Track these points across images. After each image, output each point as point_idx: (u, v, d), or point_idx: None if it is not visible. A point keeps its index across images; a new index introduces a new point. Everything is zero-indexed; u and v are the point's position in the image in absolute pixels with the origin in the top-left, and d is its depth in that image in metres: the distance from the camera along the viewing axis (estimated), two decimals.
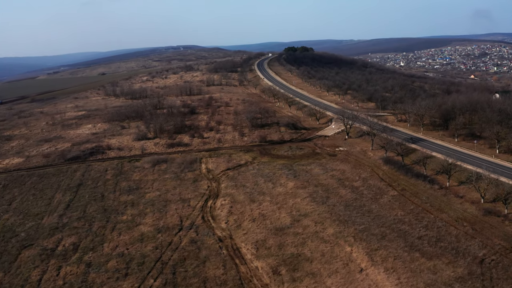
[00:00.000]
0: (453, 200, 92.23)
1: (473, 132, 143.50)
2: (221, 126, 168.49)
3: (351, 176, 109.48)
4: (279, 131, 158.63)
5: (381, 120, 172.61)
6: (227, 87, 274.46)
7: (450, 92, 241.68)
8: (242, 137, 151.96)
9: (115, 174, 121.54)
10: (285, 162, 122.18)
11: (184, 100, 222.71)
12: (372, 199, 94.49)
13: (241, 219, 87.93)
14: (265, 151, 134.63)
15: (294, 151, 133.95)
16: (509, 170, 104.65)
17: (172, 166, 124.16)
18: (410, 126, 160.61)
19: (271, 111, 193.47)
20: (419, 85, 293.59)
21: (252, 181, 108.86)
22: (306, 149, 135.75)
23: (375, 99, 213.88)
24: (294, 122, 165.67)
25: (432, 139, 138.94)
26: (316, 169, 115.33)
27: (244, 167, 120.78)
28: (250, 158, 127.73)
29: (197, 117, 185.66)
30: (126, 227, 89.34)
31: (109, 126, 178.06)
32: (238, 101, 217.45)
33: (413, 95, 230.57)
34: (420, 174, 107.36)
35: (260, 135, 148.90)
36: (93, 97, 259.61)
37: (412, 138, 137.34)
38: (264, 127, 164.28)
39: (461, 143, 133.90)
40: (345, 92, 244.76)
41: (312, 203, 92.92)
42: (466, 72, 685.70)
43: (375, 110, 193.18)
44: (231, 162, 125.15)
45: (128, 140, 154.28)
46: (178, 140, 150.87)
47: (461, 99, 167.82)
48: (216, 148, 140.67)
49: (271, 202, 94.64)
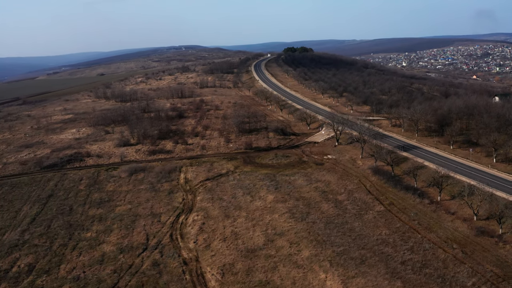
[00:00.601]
0: (444, 217, 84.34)
1: (470, 139, 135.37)
2: (207, 131, 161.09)
3: (336, 188, 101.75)
4: (267, 137, 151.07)
5: (374, 125, 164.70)
6: (221, 89, 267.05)
7: (449, 94, 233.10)
8: (227, 143, 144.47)
9: (89, 184, 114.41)
10: (268, 172, 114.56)
11: (174, 103, 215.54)
12: (356, 215, 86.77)
13: (212, 238, 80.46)
14: (249, 159, 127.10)
15: (279, 159, 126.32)
16: (505, 183, 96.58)
17: (149, 175, 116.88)
18: (404, 132, 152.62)
19: (261, 115, 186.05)
20: (418, 87, 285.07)
21: (230, 193, 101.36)
22: (292, 157, 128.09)
23: (370, 102, 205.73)
24: (283, 127, 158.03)
25: (426, 146, 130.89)
26: (300, 180, 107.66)
27: (224, 177, 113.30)
28: (232, 167, 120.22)
29: (184, 121, 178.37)
30: (88, 245, 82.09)
31: (93, 131, 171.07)
32: (229, 104, 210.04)
33: (410, 98, 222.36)
34: (410, 187, 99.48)
35: (246, 141, 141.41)
36: (84, 100, 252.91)
37: (404, 146, 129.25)
38: (252, 133, 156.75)
39: (456, 151, 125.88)
40: (341, 94, 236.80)
41: (291, 219, 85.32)
42: (468, 73, 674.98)
43: (369, 114, 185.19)
44: (211, 171, 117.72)
45: (110, 147, 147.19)
46: (161, 146, 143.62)
47: (458, 103, 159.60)
48: (199, 155, 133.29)
49: (246, 219, 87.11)
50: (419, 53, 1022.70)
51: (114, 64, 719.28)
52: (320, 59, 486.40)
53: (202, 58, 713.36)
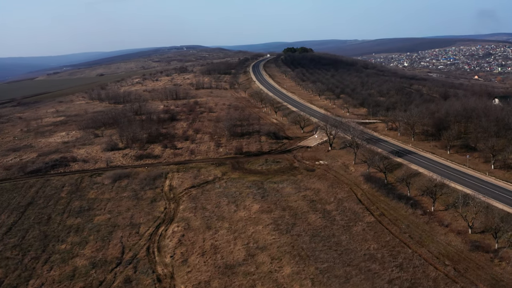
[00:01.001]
0: (437, 230, 79.35)
1: (468, 144, 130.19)
2: (198, 135, 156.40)
3: (325, 197, 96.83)
4: (258, 141, 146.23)
5: (370, 128, 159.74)
6: (217, 90, 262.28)
7: (448, 96, 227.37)
8: (217, 147, 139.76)
9: (71, 191, 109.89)
10: (256, 179, 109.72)
11: (167, 105, 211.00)
12: (344, 227, 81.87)
13: (190, 252, 75.73)
14: (238, 165, 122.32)
15: (269, 165, 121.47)
16: (503, 192, 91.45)
17: (133, 182, 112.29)
18: (401, 136, 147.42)
19: (255, 118, 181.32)
20: (417, 88, 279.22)
21: (215, 202, 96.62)
22: (283, 163, 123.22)
23: (367, 104, 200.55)
24: (276, 131, 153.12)
25: (422, 151, 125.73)
26: (288, 188, 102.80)
27: (210, 184, 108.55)
28: (220, 173, 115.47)
29: (176, 124, 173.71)
30: (61, 259, 77.55)
31: (82, 134, 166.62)
32: (224, 107, 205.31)
33: (409, 100, 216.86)
34: (402, 196, 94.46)
35: (236, 146, 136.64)
36: (78, 101, 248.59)
37: (399, 151, 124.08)
38: (244, 136, 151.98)
39: (453, 156, 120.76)
40: (338, 96, 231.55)
41: (275, 232, 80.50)
42: (470, 73, 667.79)
43: (365, 117, 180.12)
44: (198, 178, 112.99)
45: (97, 151, 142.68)
46: (149, 151, 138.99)
47: (456, 106, 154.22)
48: (187, 161, 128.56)
49: (228, 230, 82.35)
50: (421, 53, 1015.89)
51: (114, 64, 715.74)
52: (320, 59, 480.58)
53: (202, 58, 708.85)
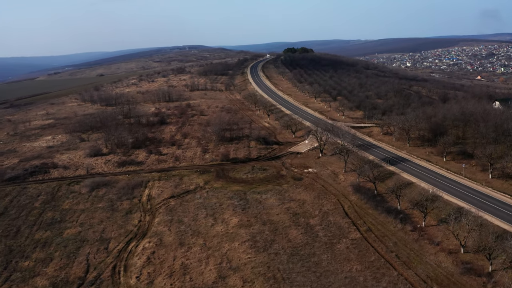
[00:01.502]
0: (426, 249, 72.94)
1: (465, 150, 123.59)
2: (186, 139, 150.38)
3: (310, 209, 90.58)
4: (247, 147, 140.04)
5: (364, 132, 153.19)
6: (212, 92, 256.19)
7: (447, 99, 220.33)
8: (204, 153, 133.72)
9: (46, 200, 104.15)
10: (240, 189, 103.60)
11: (159, 108, 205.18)
12: (327, 244, 75.62)
13: (157, 272, 69.72)
14: (222, 173, 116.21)
15: (255, 173, 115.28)
16: (500, 205, 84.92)
17: (111, 191, 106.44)
18: (396, 141, 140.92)
19: (246, 121, 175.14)
20: (416, 90, 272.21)
21: (192, 214, 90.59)
22: (270, 171, 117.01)
23: (364, 107, 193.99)
24: (266, 136, 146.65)
25: (416, 159, 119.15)
26: (272, 199, 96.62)
27: (191, 194, 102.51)
28: (203, 182, 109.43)
29: (165, 128, 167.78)
30: (21, 278, 71.84)
31: (68, 138, 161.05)
32: (216, 109, 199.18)
33: (407, 103, 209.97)
34: (392, 209, 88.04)
35: (223, 152, 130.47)
36: (70, 103, 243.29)
37: (392, 159, 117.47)
38: (233, 141, 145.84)
39: (449, 164, 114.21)
40: (334, 98, 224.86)
41: (251, 249, 74.36)
42: (472, 73, 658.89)
43: (361, 120, 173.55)
44: (179, 187, 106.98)
45: (80, 157, 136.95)
46: (133, 157, 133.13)
47: (454, 110, 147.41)
48: (171, 168, 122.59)
49: (202, 248, 76.28)
50: (423, 53, 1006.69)
51: (115, 64, 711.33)
52: (320, 60, 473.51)
53: (203, 58, 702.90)
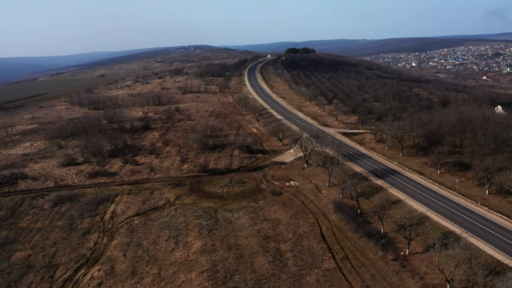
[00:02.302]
0: (407, 283, 63.29)
1: (462, 161, 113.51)
2: (167, 147, 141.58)
3: (284, 231, 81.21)
4: (230, 156, 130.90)
5: (356, 140, 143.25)
6: (205, 95, 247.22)
7: (447, 102, 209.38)
8: (182, 163, 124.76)
9: (5, 217, 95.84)
10: (211, 206, 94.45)
11: (147, 112, 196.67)
12: (295, 276, 66.22)
13: None
14: (197, 186, 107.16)
15: (233, 186, 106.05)
16: (494, 229, 74.89)
17: (75, 206, 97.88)
18: (388, 150, 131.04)
19: (234, 127, 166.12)
20: (417, 92, 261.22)
21: (154, 236, 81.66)
22: (249, 184, 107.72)
23: (358, 111, 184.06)
24: (251, 144, 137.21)
25: (408, 171, 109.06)
26: (244, 218, 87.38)
27: (158, 211, 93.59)
28: (174, 197, 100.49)
29: (148, 134, 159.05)
30: None
31: (47, 145, 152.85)
32: (205, 114, 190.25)
33: (405, 106, 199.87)
34: (374, 232, 78.33)
35: (202, 162, 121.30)
36: (58, 107, 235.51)
37: (381, 172, 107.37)
38: (216, 150, 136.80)
39: (444, 177, 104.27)
40: (330, 101, 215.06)
41: (208, 282, 65.19)
42: (478, 73, 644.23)
43: (355, 126, 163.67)
44: (147, 202, 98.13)
45: (53, 166, 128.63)
46: (107, 167, 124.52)
47: (451, 116, 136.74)
48: (144, 180, 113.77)
49: (155, 278, 67.25)
50: (429, 53, 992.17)
51: (117, 65, 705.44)
52: (321, 60, 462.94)
53: (205, 58, 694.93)
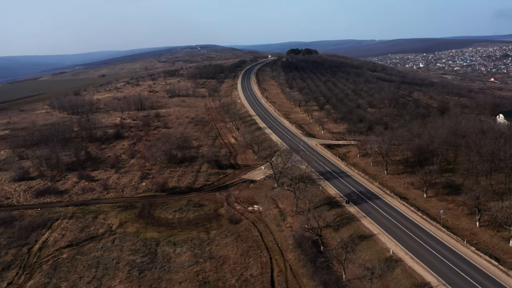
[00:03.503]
0: None
1: (453, 182, 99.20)
2: (132, 160, 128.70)
3: (228, 274, 67.44)
4: (196, 171, 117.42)
5: (339, 153, 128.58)
6: (192, 98, 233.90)
7: (446, 109, 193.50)
8: (141, 180, 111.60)
9: None
10: (155, 236, 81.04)
11: (125, 118, 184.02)
12: None
13: None
14: (149, 210, 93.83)
15: (187, 211, 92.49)
16: (481, 280, 60.36)
17: (7, 232, 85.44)
18: (373, 166, 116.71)
19: (211, 136, 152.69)
20: (417, 96, 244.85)
21: (77, 276, 68.49)
22: (207, 208, 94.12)
23: (349, 119, 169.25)
24: (220, 159, 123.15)
25: (389, 195, 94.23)
26: (186, 254, 73.79)
27: (95, 241, 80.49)
28: (117, 223, 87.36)
29: (117, 144, 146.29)
30: None
31: (8, 155, 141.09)
32: (186, 120, 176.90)
33: (400, 113, 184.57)
34: (333, 280, 64.06)
35: (162, 180, 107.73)
36: (39, 110, 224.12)
37: (349, 201, 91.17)
38: (183, 163, 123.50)
39: (430, 203, 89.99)
40: (322, 107, 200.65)
41: None
42: (486, 75, 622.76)
43: (342, 136, 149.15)
44: (86, 230, 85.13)
45: (4, 181, 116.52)
46: (60, 183, 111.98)
47: (444, 130, 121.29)
48: (93, 200, 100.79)
49: None
50: (437, 54, 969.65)
51: (120, 64, 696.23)
52: (323, 62, 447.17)
53: (208, 59, 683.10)
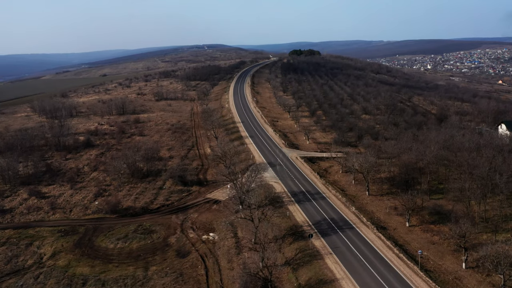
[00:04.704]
0: None
1: (441, 208, 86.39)
2: (94, 173, 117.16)
3: None
4: (159, 188, 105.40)
5: (321, 169, 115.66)
6: (180, 102, 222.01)
7: (445, 117, 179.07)
8: (96, 198, 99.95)
9: None
10: (85, 273, 69.17)
11: (102, 123, 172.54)
12: None
13: None
14: (91, 236, 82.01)
15: (133, 239, 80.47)
16: None
17: None
18: (355, 184, 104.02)
19: (187, 146, 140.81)
20: (417, 101, 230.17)
21: None
22: (156, 235, 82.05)
23: (337, 128, 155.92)
24: (184, 174, 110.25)
25: (364, 225, 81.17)
26: None
27: (17, 277, 68.98)
28: (51, 253, 75.83)
29: (85, 153, 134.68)
30: None
31: None
32: (166, 127, 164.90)
33: (396, 121, 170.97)
34: None
35: (113, 200, 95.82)
36: (20, 114, 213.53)
37: (311, 235, 76.91)
38: (147, 178, 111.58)
39: (413, 233, 77.82)
40: (313, 113, 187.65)
41: None
42: (494, 77, 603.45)
43: (328, 147, 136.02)
44: (14, 261, 73.81)
45: None
46: (7, 200, 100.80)
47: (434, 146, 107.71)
48: (35, 222, 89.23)
49: None
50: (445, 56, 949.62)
51: (123, 64, 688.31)
52: (325, 63, 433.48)
53: (212, 59, 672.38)
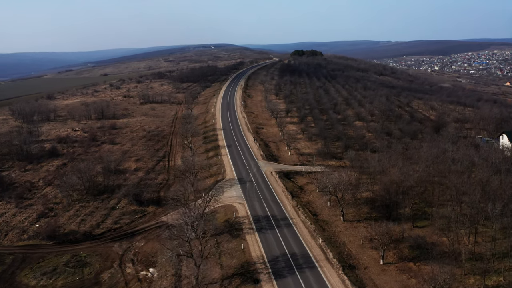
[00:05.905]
0: None
1: (423, 241, 73.54)
2: (47, 188, 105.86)
3: None
4: (111, 208, 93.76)
5: (295, 187, 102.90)
6: (165, 106, 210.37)
7: (444, 125, 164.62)
8: (40, 218, 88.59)
9: None
10: None
11: (76, 129, 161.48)
12: None
13: None
14: (16, 268, 70.49)
15: (60, 274, 68.83)
16: None
17: None
18: (330, 207, 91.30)
19: (157, 157, 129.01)
20: (416, 106, 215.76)
21: None
22: (89, 269, 70.33)
23: (323, 137, 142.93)
24: (141, 192, 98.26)
25: (331, 261, 68.53)
26: None
27: None
28: None
29: (46, 164, 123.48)
30: None
31: None
32: (141, 134, 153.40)
33: (389, 130, 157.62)
34: None
35: (51, 223, 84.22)
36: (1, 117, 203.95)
37: (257, 280, 62.90)
38: (102, 195, 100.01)
39: (386, 274, 65.21)
40: (302, 118, 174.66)
41: None
42: (502, 79, 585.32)
43: (310, 160, 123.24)
44: None
45: None
46: None
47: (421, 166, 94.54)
48: None
49: None
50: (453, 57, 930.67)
51: (126, 63, 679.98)
52: (326, 64, 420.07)
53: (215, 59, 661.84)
